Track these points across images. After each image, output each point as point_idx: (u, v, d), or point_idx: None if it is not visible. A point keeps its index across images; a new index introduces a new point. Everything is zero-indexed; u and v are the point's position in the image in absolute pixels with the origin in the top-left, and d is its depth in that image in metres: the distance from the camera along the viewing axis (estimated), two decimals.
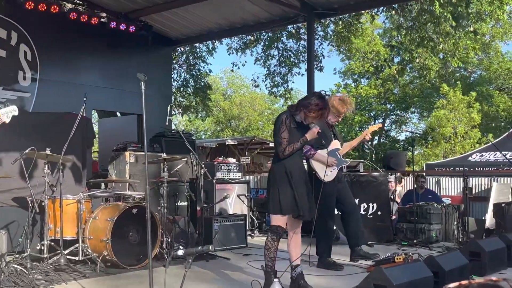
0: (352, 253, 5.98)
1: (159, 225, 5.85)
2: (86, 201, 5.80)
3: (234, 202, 8.10)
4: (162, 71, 11.82)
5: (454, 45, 13.40)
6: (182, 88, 17.65)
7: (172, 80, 15.11)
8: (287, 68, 16.52)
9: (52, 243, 5.60)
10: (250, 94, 37.87)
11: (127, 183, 7.23)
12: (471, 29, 12.89)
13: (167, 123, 6.70)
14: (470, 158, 13.49)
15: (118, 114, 12.91)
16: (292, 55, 16.40)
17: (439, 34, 12.56)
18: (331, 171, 5.69)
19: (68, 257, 5.43)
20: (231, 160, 8.64)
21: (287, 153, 4.50)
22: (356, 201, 7.54)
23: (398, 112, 31.48)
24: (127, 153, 7.53)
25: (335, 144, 5.82)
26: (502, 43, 28.58)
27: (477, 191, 8.53)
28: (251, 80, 19.07)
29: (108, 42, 10.32)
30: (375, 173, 8.16)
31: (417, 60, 14.03)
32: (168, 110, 6.58)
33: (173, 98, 15.40)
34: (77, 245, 5.58)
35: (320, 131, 4.57)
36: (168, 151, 7.40)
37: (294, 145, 4.51)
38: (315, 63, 13.29)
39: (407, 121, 31.66)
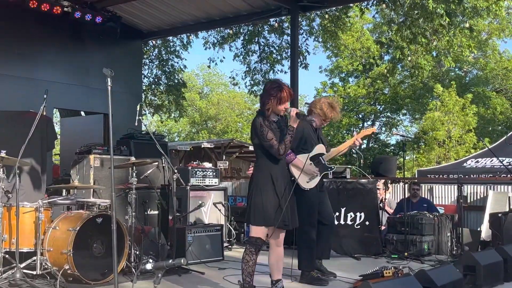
0: None
1: (127, 236, 5.80)
2: (45, 209, 5.72)
3: (210, 211, 8.07)
4: (132, 66, 11.77)
5: (448, 43, 13.57)
6: (153, 86, 17.57)
7: (143, 76, 15.06)
8: (268, 65, 16.54)
9: (7, 256, 5.50)
10: (228, 92, 37.87)
11: (92, 190, 7.17)
12: (467, 25, 13.07)
13: (136, 124, 6.66)
14: (465, 164, 13.65)
15: (82, 113, 12.82)
16: (274, 51, 16.43)
17: (432, 30, 12.72)
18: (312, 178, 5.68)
19: (24, 271, 5.35)
20: (207, 164, 8.60)
21: (283, 151, 4.53)
22: (343, 210, 7.60)
23: (388, 114, 31.77)
24: (91, 157, 7.46)
25: (319, 148, 5.81)
26: (499, 41, 29.00)
27: (472, 199, 8.63)
28: (230, 77, 19.11)
29: (72, 34, 10.24)
30: (363, 180, 8.20)
31: (409, 59, 14.18)
32: (138, 109, 6.54)
33: (143, 96, 15.34)
34: (34, 257, 5.49)
35: (298, 111, 4.60)
36: (137, 154, 7.34)
37: (285, 141, 4.53)
38: (299, 60, 13.35)
39: (398, 123, 31.99)
